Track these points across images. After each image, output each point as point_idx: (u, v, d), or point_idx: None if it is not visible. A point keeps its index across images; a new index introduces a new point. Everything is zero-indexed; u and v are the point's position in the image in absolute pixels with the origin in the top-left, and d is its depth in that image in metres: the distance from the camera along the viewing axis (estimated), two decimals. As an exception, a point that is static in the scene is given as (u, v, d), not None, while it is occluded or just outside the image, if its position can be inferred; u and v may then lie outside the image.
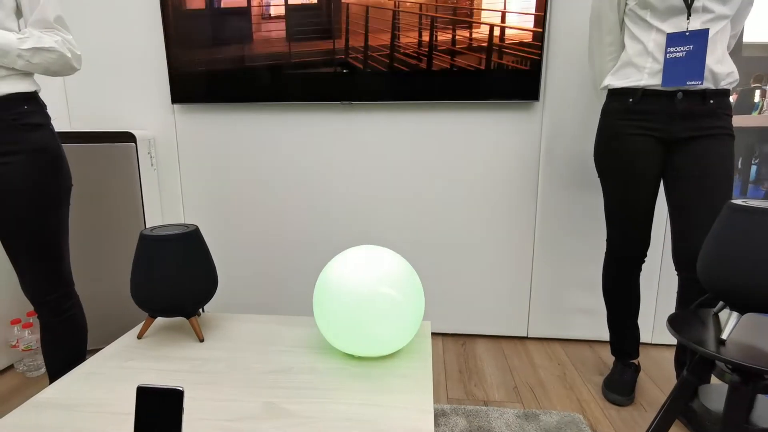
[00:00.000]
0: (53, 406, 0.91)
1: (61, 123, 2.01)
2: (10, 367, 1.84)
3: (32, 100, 1.12)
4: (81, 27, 1.95)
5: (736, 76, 1.29)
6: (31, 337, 1.79)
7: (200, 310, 1.28)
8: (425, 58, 1.81)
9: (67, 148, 1.66)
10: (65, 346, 1.28)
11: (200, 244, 1.17)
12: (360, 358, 1.09)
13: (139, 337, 1.18)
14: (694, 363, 0.99)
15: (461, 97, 1.83)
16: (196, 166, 2.05)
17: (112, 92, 2.00)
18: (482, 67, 1.79)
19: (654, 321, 1.97)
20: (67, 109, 2.02)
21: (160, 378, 1.00)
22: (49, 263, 1.19)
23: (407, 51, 1.81)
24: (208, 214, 2.10)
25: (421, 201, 1.99)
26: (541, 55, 1.76)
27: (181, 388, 0.68)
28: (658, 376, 1.75)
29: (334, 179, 2.01)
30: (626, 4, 1.39)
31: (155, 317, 1.17)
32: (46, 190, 1.13)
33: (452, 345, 2.02)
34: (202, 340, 1.17)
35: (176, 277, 1.11)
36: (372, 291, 1.01)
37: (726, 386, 0.95)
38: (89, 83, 2.00)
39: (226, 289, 2.17)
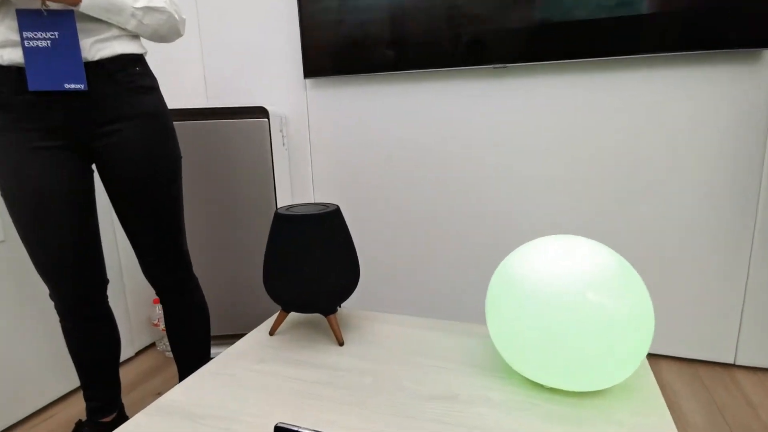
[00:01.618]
0: (179, 412, 0.75)
1: (198, 100, 1.99)
2: (152, 345, 1.87)
3: (141, 61, 1.05)
4: (218, 3, 1.90)
5: None
6: (170, 317, 1.78)
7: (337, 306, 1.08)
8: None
9: (203, 125, 1.59)
10: (189, 329, 1.22)
11: (342, 227, 0.96)
12: (553, 390, 0.79)
13: (271, 333, 1.02)
14: None
15: (655, 50, 1.41)
16: (328, 146, 1.90)
17: (246, 68, 1.92)
18: (682, 7, 1.36)
19: None
20: (204, 86, 1.99)
21: (295, 390, 0.80)
22: (168, 241, 1.11)
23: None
24: (340, 197, 1.93)
25: (597, 189, 1.60)
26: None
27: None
28: None
29: (489, 159, 1.70)
30: None
31: (289, 312, 0.99)
32: (162, 158, 1.05)
33: (627, 365, 1.61)
34: (341, 344, 0.96)
35: (316, 266, 0.91)
36: (578, 297, 0.70)
37: None
38: (224, 58, 1.94)
39: (360, 281, 1.98)
